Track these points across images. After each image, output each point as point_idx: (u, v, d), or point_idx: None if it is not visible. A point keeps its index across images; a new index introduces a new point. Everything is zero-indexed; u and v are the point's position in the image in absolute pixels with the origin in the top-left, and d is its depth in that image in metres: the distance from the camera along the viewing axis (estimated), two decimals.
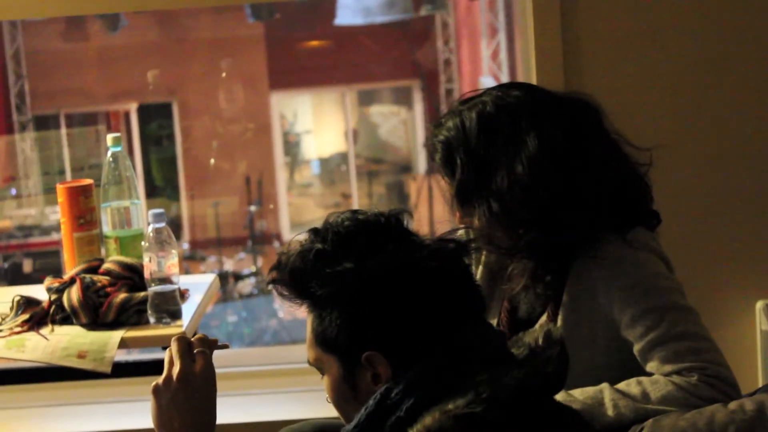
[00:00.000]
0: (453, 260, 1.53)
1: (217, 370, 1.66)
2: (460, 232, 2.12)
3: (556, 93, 2.13)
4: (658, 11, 2.92)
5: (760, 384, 2.93)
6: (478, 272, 2.21)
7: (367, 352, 1.48)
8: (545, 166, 1.99)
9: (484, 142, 2.03)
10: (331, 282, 1.49)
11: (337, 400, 1.55)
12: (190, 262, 10.51)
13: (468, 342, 1.49)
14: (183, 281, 2.34)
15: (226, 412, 3.05)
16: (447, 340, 1.49)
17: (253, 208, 11.74)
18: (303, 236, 1.55)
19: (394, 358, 1.48)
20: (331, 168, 15.29)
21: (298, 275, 1.52)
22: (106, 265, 2.36)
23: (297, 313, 1.59)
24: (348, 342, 1.50)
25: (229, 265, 10.25)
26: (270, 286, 1.57)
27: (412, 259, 1.50)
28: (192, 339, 1.68)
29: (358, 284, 1.48)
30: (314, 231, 1.54)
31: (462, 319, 1.51)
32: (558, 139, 2.02)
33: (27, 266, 9.52)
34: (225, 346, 1.73)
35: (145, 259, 2.22)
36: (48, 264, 9.20)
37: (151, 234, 2.21)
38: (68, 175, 12.36)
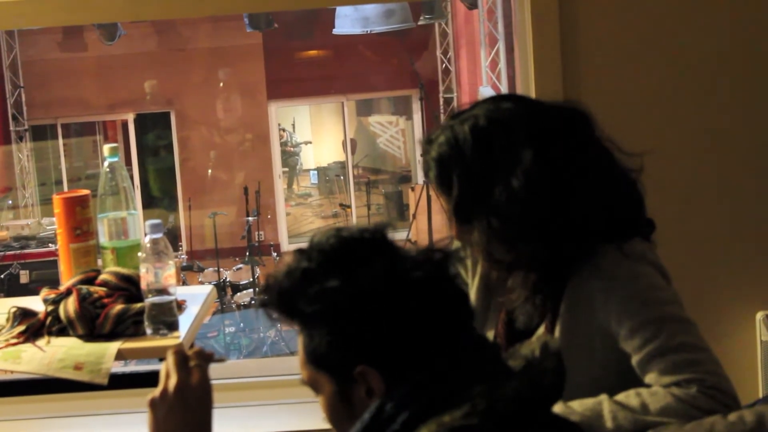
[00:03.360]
0: (439, 270, 1.53)
1: (214, 381, 1.66)
2: (455, 242, 2.12)
3: (547, 103, 2.12)
4: (656, 21, 2.92)
5: (761, 395, 2.93)
6: (475, 283, 2.19)
7: (359, 367, 1.47)
8: (542, 179, 1.98)
9: (479, 157, 2.01)
10: (318, 300, 1.49)
11: (333, 417, 1.54)
12: (188, 272, 10.52)
13: (462, 353, 1.49)
14: (180, 292, 2.33)
15: (223, 424, 3.04)
16: (440, 352, 1.48)
17: (250, 218, 11.75)
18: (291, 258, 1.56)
19: (387, 371, 1.47)
20: (330, 178, 15.32)
21: (285, 295, 1.52)
22: (103, 276, 2.35)
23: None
24: (339, 358, 1.49)
25: (226, 276, 10.23)
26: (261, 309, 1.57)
27: (397, 271, 1.50)
28: (189, 352, 1.67)
29: (345, 300, 1.48)
30: (300, 251, 1.55)
31: (453, 329, 1.51)
32: (553, 150, 2.01)
33: (23, 277, 9.52)
34: (222, 360, 1.73)
35: (142, 270, 2.21)
36: (44, 275, 9.20)
37: (148, 245, 2.20)
38: (65, 186, 12.39)
